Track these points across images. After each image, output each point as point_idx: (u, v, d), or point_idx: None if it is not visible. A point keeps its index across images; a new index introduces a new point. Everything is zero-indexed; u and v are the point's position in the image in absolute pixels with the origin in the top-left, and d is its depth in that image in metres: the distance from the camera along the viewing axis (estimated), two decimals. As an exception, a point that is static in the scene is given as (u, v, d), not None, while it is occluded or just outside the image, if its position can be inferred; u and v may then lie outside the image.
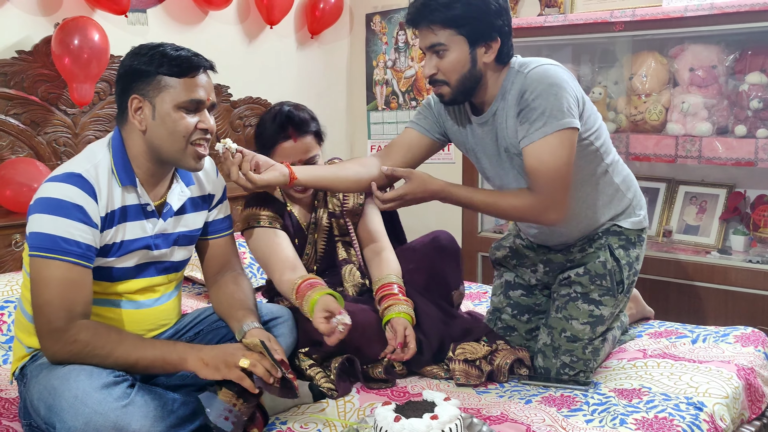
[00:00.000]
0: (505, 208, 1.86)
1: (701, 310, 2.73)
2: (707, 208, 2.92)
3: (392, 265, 2.04)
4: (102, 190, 1.62)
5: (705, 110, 2.77)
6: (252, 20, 3.46)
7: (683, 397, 1.74)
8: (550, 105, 1.75)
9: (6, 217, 2.50)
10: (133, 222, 1.68)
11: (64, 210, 1.56)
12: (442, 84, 1.83)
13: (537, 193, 1.80)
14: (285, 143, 1.99)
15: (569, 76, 1.83)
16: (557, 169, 1.77)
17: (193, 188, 1.81)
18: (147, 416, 1.49)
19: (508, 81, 1.85)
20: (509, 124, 1.85)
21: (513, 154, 1.88)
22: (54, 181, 1.59)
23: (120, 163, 1.66)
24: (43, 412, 1.50)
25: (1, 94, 2.58)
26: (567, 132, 1.77)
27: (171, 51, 1.63)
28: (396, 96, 3.82)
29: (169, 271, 1.80)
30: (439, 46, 1.79)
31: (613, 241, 1.99)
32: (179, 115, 1.62)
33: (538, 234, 2.08)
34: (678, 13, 2.64)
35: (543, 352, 1.99)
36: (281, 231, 2.03)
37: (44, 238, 1.55)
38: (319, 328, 1.74)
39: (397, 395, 1.83)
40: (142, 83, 1.63)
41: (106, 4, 2.78)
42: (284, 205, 2.09)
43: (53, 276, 1.54)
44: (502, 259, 2.21)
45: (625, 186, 2.02)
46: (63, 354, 1.54)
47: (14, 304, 2.17)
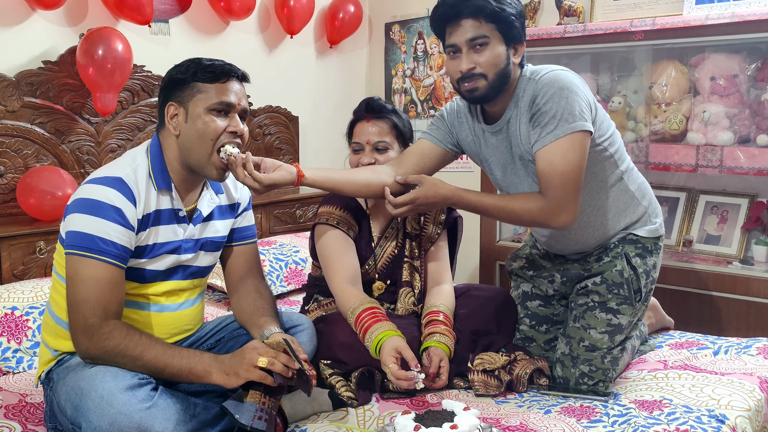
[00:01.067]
0: (516, 212, 1.85)
1: (722, 320, 2.71)
2: (728, 218, 2.90)
3: (447, 297, 2.07)
4: (141, 194, 1.67)
5: (726, 119, 2.75)
6: (272, 30, 3.50)
7: (705, 409, 1.73)
8: (562, 108, 1.76)
9: (30, 225, 2.53)
10: (166, 225, 1.73)
11: (103, 211, 1.60)
12: (479, 77, 1.82)
13: (547, 196, 1.80)
14: (361, 122, 2.09)
15: (580, 81, 1.84)
16: (568, 172, 1.77)
17: (222, 196, 1.86)
18: (170, 419, 1.52)
19: (521, 88, 1.87)
20: (522, 130, 1.86)
21: (528, 161, 1.89)
22: (95, 183, 1.64)
23: (157, 167, 1.71)
24: (69, 412, 1.52)
25: (27, 104, 2.63)
26: (578, 135, 1.77)
27: (206, 60, 1.72)
28: (414, 105, 3.83)
29: (195, 276, 1.83)
30: (482, 38, 1.80)
31: (629, 249, 1.98)
32: (210, 118, 1.68)
33: (554, 243, 2.08)
34: (699, 21, 2.62)
35: (562, 361, 1.99)
36: (350, 238, 2.06)
37: (83, 237, 1.59)
38: (390, 369, 1.75)
39: (417, 404, 1.83)
40: (178, 90, 1.70)
41: (130, 15, 2.82)
42: (363, 211, 2.13)
43: (90, 274, 1.58)
44: (519, 270, 2.21)
45: (641, 194, 2.02)
46: (95, 351, 1.57)
47: (39, 310, 2.20)
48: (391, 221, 2.16)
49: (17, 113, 2.62)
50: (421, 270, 2.15)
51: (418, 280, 2.13)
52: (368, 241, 2.13)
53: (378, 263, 2.12)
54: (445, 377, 1.86)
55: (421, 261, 2.16)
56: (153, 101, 2.97)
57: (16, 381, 2.03)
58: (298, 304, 2.53)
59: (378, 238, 2.13)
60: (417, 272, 2.14)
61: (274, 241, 3.03)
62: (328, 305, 2.15)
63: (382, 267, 2.13)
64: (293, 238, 3.09)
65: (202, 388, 1.73)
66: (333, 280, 2.01)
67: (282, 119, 3.50)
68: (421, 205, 1.87)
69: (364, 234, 2.12)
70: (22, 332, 2.15)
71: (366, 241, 2.12)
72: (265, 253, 2.87)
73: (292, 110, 3.55)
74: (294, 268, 2.88)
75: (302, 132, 3.61)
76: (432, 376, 1.85)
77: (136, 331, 1.62)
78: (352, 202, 2.12)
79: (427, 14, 3.72)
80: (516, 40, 1.84)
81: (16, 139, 2.61)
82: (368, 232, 2.13)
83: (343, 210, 2.09)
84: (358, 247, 2.09)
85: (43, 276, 2.50)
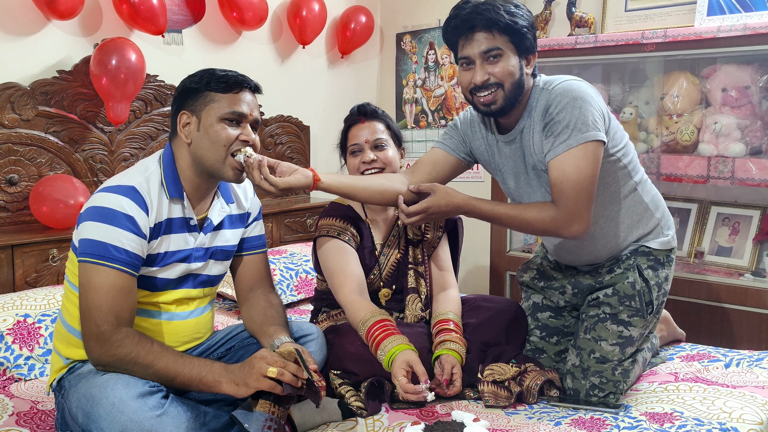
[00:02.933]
0: (529, 221, 1.85)
1: (734, 333, 2.69)
2: (740, 230, 2.89)
3: (454, 304, 2.09)
4: (153, 202, 1.68)
5: (738, 131, 2.74)
6: (284, 40, 3.52)
7: (716, 422, 1.71)
8: (575, 118, 1.77)
9: (43, 233, 2.55)
10: (177, 234, 1.74)
11: (116, 219, 1.62)
12: (496, 88, 1.83)
13: (560, 206, 1.80)
14: (356, 125, 2.11)
15: (594, 91, 1.84)
16: (580, 182, 1.77)
17: (233, 206, 1.87)
18: (180, 427, 1.52)
19: (534, 98, 1.88)
20: (536, 140, 1.87)
21: (541, 171, 1.90)
22: (108, 192, 1.65)
23: (170, 176, 1.73)
24: (81, 420, 1.53)
25: (41, 113, 2.66)
26: (591, 145, 1.78)
27: (219, 71, 1.74)
28: (425, 114, 3.84)
29: (205, 284, 1.84)
30: (496, 50, 1.81)
31: (641, 261, 1.98)
32: (221, 126, 1.70)
33: (565, 254, 2.08)
34: (711, 33, 2.62)
35: (572, 373, 1.98)
36: (352, 249, 2.07)
37: (96, 245, 1.61)
38: (400, 383, 1.77)
39: (426, 415, 1.82)
40: (191, 99, 1.73)
41: (144, 25, 2.84)
42: (363, 220, 2.14)
43: (103, 282, 1.60)
44: (530, 281, 2.20)
45: (654, 205, 2.01)
46: (107, 358, 1.58)
47: (51, 318, 2.22)
48: (392, 229, 2.17)
49: (31, 122, 2.64)
50: (426, 275, 2.16)
51: (423, 286, 2.14)
52: (371, 250, 2.13)
53: (383, 272, 2.13)
54: (459, 384, 1.87)
55: (425, 267, 2.17)
56: (166, 110, 2.99)
57: (27, 388, 2.04)
58: (308, 313, 2.53)
59: (381, 246, 2.15)
60: (422, 278, 2.15)
61: (285, 250, 3.03)
62: (337, 316, 2.15)
63: (387, 275, 2.14)
64: (303, 247, 3.10)
65: (212, 396, 1.74)
66: (340, 292, 2.02)
67: (293, 129, 3.51)
68: (433, 214, 1.87)
69: (366, 243, 2.13)
70: (34, 339, 2.16)
71: (369, 250, 2.13)
72: (276, 262, 2.88)
73: (303, 120, 3.57)
74: (304, 278, 2.89)
75: (313, 141, 3.63)
76: (445, 383, 1.85)
77: (148, 340, 1.63)
78: (351, 212, 2.14)
79: (438, 25, 3.74)
80: (528, 51, 1.86)
81: (30, 148, 2.64)
82: (371, 240, 2.14)
83: (342, 221, 2.10)
84: (361, 256, 2.10)
85: (56, 284, 2.52)
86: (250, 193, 1.93)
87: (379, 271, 2.13)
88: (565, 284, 2.10)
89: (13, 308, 2.21)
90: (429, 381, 1.79)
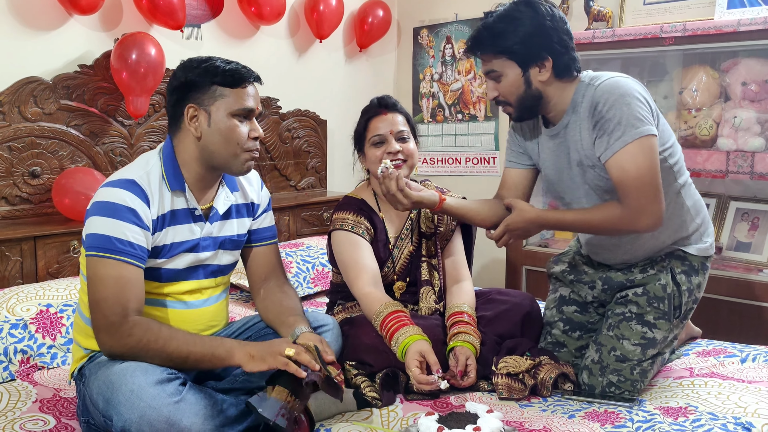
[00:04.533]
0: (597, 223, 1.88)
1: (752, 329, 2.67)
2: (760, 225, 2.86)
3: (468, 296, 2.11)
4: (154, 195, 1.71)
5: (758, 125, 2.72)
6: (302, 34, 3.54)
7: (731, 416, 1.71)
8: (626, 114, 1.78)
9: (64, 225, 2.60)
10: (182, 225, 1.76)
11: (119, 213, 1.65)
12: (505, 104, 1.94)
13: (625, 203, 1.82)
14: (377, 116, 2.12)
15: (642, 88, 1.86)
16: (641, 176, 1.79)
17: (237, 195, 1.89)
18: (197, 414, 1.55)
19: (579, 94, 1.89)
20: (583, 136, 1.88)
21: (587, 167, 1.91)
22: (110, 186, 1.69)
23: (170, 169, 1.75)
24: (101, 406, 1.57)
25: (63, 106, 2.70)
26: (646, 139, 1.79)
27: (222, 64, 1.74)
28: (442, 109, 3.84)
29: (216, 274, 1.87)
30: (493, 73, 1.90)
31: (676, 265, 1.98)
32: (233, 123, 1.72)
33: (601, 252, 2.08)
34: (731, 27, 2.60)
35: (590, 369, 1.98)
36: (366, 242, 2.10)
37: (100, 239, 1.64)
38: (413, 373, 1.79)
39: (440, 406, 1.84)
40: (197, 93, 1.73)
41: (163, 20, 2.88)
42: (376, 213, 2.16)
43: (108, 274, 1.63)
44: (560, 274, 2.20)
45: (695, 210, 2.01)
46: (119, 348, 1.62)
47: (72, 308, 2.26)
48: (405, 222, 2.19)
49: (54, 116, 2.68)
50: (440, 268, 2.18)
51: (437, 278, 2.16)
52: (385, 243, 2.15)
53: (396, 265, 2.15)
54: (473, 375, 1.88)
55: (438, 259, 2.18)
56: (184, 104, 3.02)
57: (50, 376, 2.09)
58: (324, 305, 2.56)
59: (395, 239, 2.16)
60: (436, 270, 2.17)
61: (302, 243, 3.06)
62: (352, 308, 2.17)
63: (401, 268, 2.15)
64: (320, 240, 3.12)
65: (230, 385, 1.77)
66: (355, 285, 2.04)
67: (311, 123, 3.53)
68: (514, 231, 1.94)
69: (380, 236, 2.15)
70: (56, 329, 2.20)
71: (383, 244, 2.15)
72: (293, 255, 2.90)
73: (320, 114, 3.59)
74: (321, 270, 2.91)
75: (330, 135, 3.65)
76: (459, 375, 1.86)
77: (157, 325, 1.65)
78: (365, 206, 2.16)
79: (455, 19, 3.74)
80: (536, 60, 1.86)
81: (52, 141, 2.68)
82: (384, 234, 2.16)
83: (356, 214, 2.12)
84: (375, 249, 2.12)
85: (76, 274, 2.57)
86: (256, 184, 1.95)
87: (393, 264, 2.14)
88: (596, 279, 2.09)
89: (36, 298, 2.26)
90: (441, 371, 1.81)
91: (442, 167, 3.79)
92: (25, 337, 2.14)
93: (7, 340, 2.11)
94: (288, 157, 3.44)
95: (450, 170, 3.75)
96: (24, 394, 1.95)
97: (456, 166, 3.76)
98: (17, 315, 2.17)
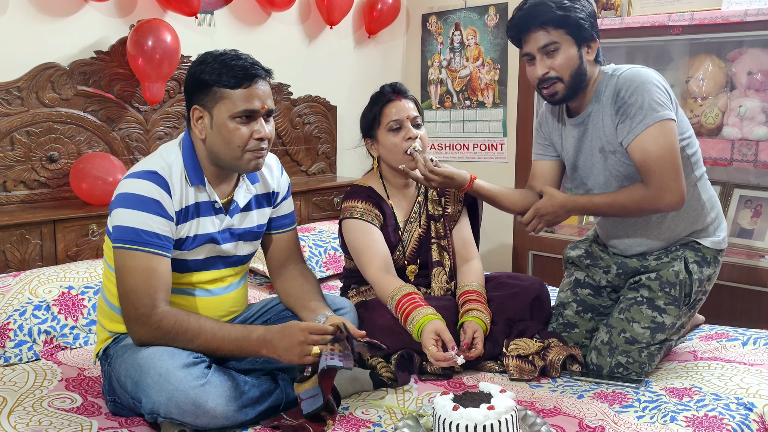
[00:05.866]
0: (624, 204, 1.96)
1: (754, 313, 2.74)
2: (762, 212, 2.92)
3: (478, 275, 2.18)
4: (175, 186, 1.74)
5: (762, 114, 2.77)
6: (312, 21, 3.57)
7: (733, 397, 1.78)
8: (647, 100, 1.88)
9: (82, 209, 2.65)
10: (205, 217, 1.81)
11: (144, 204, 1.69)
12: (556, 81, 1.96)
13: (648, 183, 1.91)
14: (391, 102, 2.16)
15: (661, 78, 1.95)
16: (663, 157, 1.88)
17: (258, 186, 1.92)
18: (222, 395, 1.62)
19: (602, 84, 1.99)
20: (605, 123, 1.98)
21: (608, 153, 2.00)
22: (133, 178, 1.73)
23: (190, 164, 1.78)
24: (130, 388, 1.63)
25: (80, 92, 2.74)
26: (666, 122, 1.88)
27: (230, 61, 1.71)
28: (450, 95, 3.88)
29: (236, 264, 1.92)
30: (552, 45, 1.94)
31: (689, 254, 2.05)
32: (234, 126, 1.71)
33: (618, 243, 2.15)
34: (738, 17, 2.64)
35: (598, 349, 2.04)
36: (377, 228, 2.15)
37: (127, 231, 1.69)
38: (430, 351, 1.85)
39: (454, 386, 1.91)
40: (201, 94, 1.73)
41: (178, 6, 2.91)
42: (385, 200, 2.21)
43: (137, 266, 1.68)
44: (576, 259, 2.26)
45: (710, 204, 2.09)
46: (149, 338, 1.68)
47: (93, 290, 2.32)
48: (413, 206, 2.24)
49: (71, 101, 2.73)
50: (449, 248, 2.24)
51: (447, 259, 2.22)
52: (395, 228, 2.21)
53: (407, 249, 2.21)
54: (480, 347, 1.96)
55: (448, 240, 2.24)
56: (198, 90, 3.06)
57: (73, 356, 2.15)
58: (337, 289, 2.62)
59: (404, 223, 2.22)
60: (446, 251, 2.23)
61: (314, 228, 3.12)
62: (366, 292, 2.24)
63: (411, 251, 2.21)
64: (332, 224, 3.18)
65: (250, 366, 1.83)
66: (368, 270, 2.10)
67: (321, 108, 3.58)
68: (544, 215, 2.02)
69: (389, 221, 2.20)
70: (78, 310, 2.27)
71: (393, 228, 2.20)
72: (305, 239, 2.96)
73: (330, 100, 3.63)
74: (333, 254, 2.97)
75: (340, 121, 3.69)
76: (466, 346, 1.94)
77: (185, 316, 1.70)
78: (373, 193, 2.21)
79: (464, 5, 3.77)
80: (588, 39, 1.96)
81: (69, 126, 2.73)
82: (393, 219, 2.21)
83: (365, 202, 2.17)
84: (385, 234, 2.18)
85: (95, 257, 2.63)
86: (276, 170, 1.96)
87: (403, 248, 2.20)
88: (611, 264, 2.16)
89: (57, 280, 2.32)
90: (456, 347, 1.87)
91: (450, 153, 3.84)
92: (48, 318, 2.21)
93: (31, 321, 2.17)
94: (299, 142, 3.49)
95: (458, 156, 3.80)
96: (49, 373, 2.02)
97: (464, 152, 3.80)
98: (40, 297, 2.24)
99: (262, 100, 1.73)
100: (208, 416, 1.60)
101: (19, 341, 2.13)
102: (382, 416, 1.74)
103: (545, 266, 3.34)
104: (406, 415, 1.70)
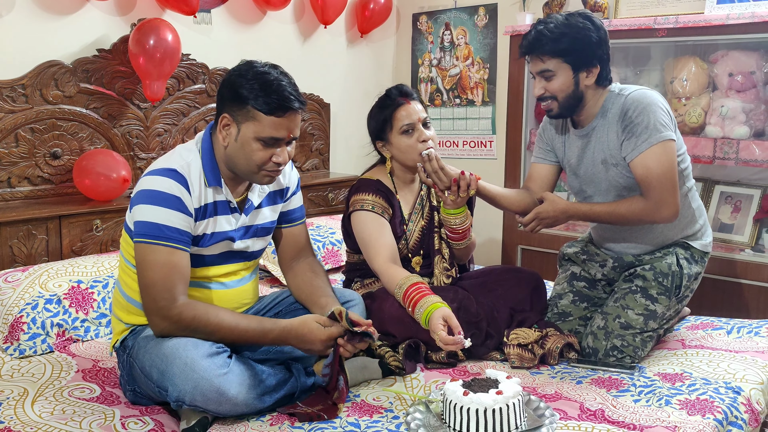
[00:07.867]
0: (623, 214, 2.12)
1: (735, 304, 2.87)
2: (741, 208, 3.05)
3: None
4: (194, 184, 1.81)
5: (743, 114, 2.90)
6: (307, 20, 3.63)
7: (722, 381, 1.90)
8: (652, 121, 2.04)
9: (85, 204, 2.70)
10: (222, 216, 1.88)
11: (164, 201, 1.75)
12: (551, 100, 2.14)
13: (648, 197, 2.07)
14: (402, 106, 2.24)
15: (664, 100, 2.12)
16: (663, 173, 2.04)
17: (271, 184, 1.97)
18: (243, 384, 1.69)
19: (609, 102, 2.14)
20: (610, 138, 2.13)
21: (610, 165, 2.15)
22: (154, 175, 1.79)
23: (208, 165, 1.84)
24: (156, 377, 1.70)
25: (83, 90, 2.78)
26: (668, 143, 2.06)
27: (270, 84, 1.73)
28: (440, 93, 3.97)
29: (248, 258, 1.99)
30: (547, 72, 2.10)
31: (680, 251, 2.21)
32: (257, 146, 1.78)
33: (613, 246, 2.29)
34: (720, 20, 2.76)
35: (594, 334, 2.16)
36: (385, 220, 2.23)
37: (149, 226, 1.75)
38: (439, 336, 1.92)
39: (459, 374, 2.00)
40: (235, 106, 1.78)
41: (177, 5, 2.96)
42: (393, 193, 2.29)
43: (157, 260, 1.74)
44: (573, 255, 2.40)
45: (698, 213, 2.26)
46: (169, 330, 1.74)
47: (102, 283, 2.37)
48: (417, 198, 2.34)
49: (74, 98, 2.77)
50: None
51: (445, 247, 2.32)
52: (401, 220, 2.29)
53: (410, 240, 2.29)
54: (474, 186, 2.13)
55: None
56: (197, 88, 3.12)
57: (86, 348, 2.21)
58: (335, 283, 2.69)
59: (409, 215, 2.31)
60: (444, 240, 2.32)
61: (311, 223, 3.18)
62: (371, 284, 2.32)
63: (414, 242, 2.30)
64: (329, 220, 3.25)
65: (264, 356, 1.90)
66: (375, 261, 2.18)
67: (315, 106, 3.64)
68: (544, 219, 2.16)
69: (397, 214, 2.29)
70: (88, 304, 2.32)
71: (399, 221, 2.29)
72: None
73: (324, 98, 3.70)
74: (331, 249, 3.05)
75: (333, 119, 3.76)
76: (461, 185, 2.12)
77: (203, 308, 1.77)
78: (382, 187, 2.28)
79: (454, 6, 3.86)
80: (587, 65, 2.08)
81: (72, 123, 2.77)
82: (400, 211, 2.30)
83: (374, 195, 2.25)
84: (392, 226, 2.26)
85: (99, 252, 2.68)
86: (287, 168, 2.03)
87: (407, 239, 2.29)
88: (607, 258, 2.30)
89: (66, 275, 2.37)
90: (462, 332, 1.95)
91: (440, 150, 3.87)
92: (60, 312, 2.26)
93: (43, 314, 2.22)
94: (295, 138, 3.55)
95: (448, 153, 3.89)
96: (65, 365, 2.08)
97: (453, 149, 3.90)
98: (50, 291, 2.28)
99: (289, 130, 1.79)
100: (230, 403, 1.67)
101: (33, 334, 2.17)
102: (393, 402, 1.83)
103: (533, 260, 3.45)
104: (416, 401, 1.79)
